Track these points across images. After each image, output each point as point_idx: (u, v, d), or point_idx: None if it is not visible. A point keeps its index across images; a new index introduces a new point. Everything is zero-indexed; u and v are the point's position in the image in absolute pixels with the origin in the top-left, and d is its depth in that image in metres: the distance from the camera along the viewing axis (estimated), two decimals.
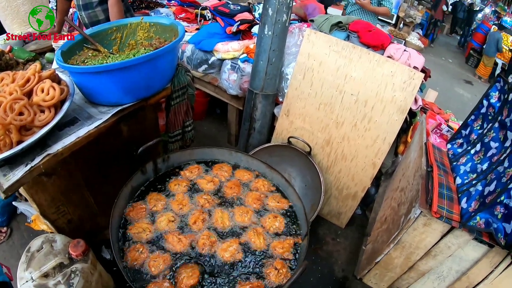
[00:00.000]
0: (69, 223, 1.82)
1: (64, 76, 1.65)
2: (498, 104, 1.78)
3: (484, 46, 10.75)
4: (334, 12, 6.04)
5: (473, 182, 1.60)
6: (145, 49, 1.83)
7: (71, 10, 4.68)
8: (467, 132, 1.98)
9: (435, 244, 1.58)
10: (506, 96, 1.69)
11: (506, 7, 13.70)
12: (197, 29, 3.31)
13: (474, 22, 13.80)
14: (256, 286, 1.25)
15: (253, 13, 3.31)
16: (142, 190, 1.62)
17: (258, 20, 3.15)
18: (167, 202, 1.54)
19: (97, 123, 1.59)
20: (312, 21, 2.78)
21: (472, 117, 1.97)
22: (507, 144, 1.53)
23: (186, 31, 3.32)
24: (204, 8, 3.47)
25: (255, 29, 3.01)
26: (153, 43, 1.95)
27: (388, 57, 2.45)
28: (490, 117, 1.82)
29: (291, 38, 2.69)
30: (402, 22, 9.86)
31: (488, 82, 9.94)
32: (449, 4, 13.68)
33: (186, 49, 3.14)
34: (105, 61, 1.72)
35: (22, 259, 1.53)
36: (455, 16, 14.37)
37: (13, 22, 2.82)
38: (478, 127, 1.90)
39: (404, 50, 2.56)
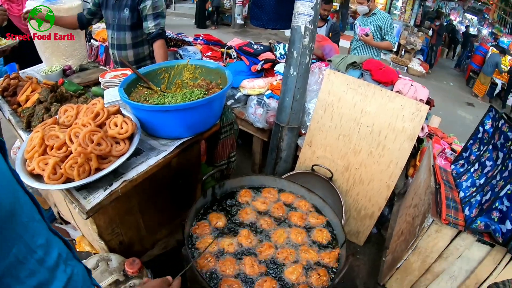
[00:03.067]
0: (120, 244, 2.01)
1: (125, 112, 1.94)
2: (491, 130, 2.21)
3: (482, 67, 11.38)
4: (345, 44, 6.59)
5: (473, 194, 2.02)
6: (198, 90, 2.16)
7: (96, 43, 5.19)
8: (467, 154, 2.42)
9: (446, 247, 1.96)
10: (497, 123, 2.13)
11: (502, 28, 14.47)
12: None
13: (469, 45, 14.54)
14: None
15: (275, 52, 3.80)
16: (202, 212, 1.96)
17: (279, 59, 3.64)
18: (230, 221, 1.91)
19: (163, 154, 1.89)
20: (329, 61, 3.26)
21: (471, 141, 2.41)
22: (499, 162, 1.96)
23: None
24: (230, 48, 3.95)
25: (277, 67, 3.49)
26: (200, 84, 2.30)
27: (397, 91, 2.91)
28: (485, 141, 2.25)
29: (312, 77, 3.15)
30: (404, 49, 10.47)
31: (487, 102, 10.52)
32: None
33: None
34: (164, 100, 2.06)
35: None
36: (453, 39, 15.12)
37: (52, 55, 3.09)
38: (476, 150, 2.34)
39: (411, 85, 3.03)
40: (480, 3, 15.41)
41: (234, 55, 3.88)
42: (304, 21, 2.62)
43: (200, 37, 4.26)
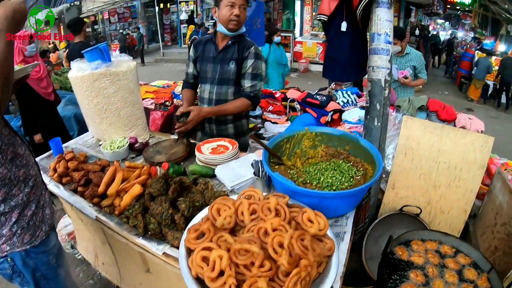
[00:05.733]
0: None
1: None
2: None
3: (473, 72, 12.25)
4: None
5: None
6: (343, 162, 2.26)
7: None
8: None
9: None
10: None
11: (484, 32, 15.52)
12: (287, 120, 4.05)
13: (455, 51, 15.53)
14: None
15: (337, 101, 4.07)
16: None
17: (343, 108, 3.97)
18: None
19: (348, 237, 1.88)
20: (398, 106, 3.66)
21: None
22: None
23: (276, 122, 4.09)
24: (292, 100, 4.17)
25: (344, 116, 3.77)
26: (326, 151, 2.36)
27: (462, 127, 3.33)
28: None
29: None
30: None
31: (483, 103, 11.28)
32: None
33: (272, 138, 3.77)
34: (315, 178, 2.08)
35: None
36: (436, 49, 16.06)
37: (111, 126, 2.82)
38: None
39: (469, 118, 3.46)
40: (459, 11, 16.46)
41: (298, 108, 4.13)
42: (384, 74, 2.90)
43: None
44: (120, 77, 2.69)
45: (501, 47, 15.48)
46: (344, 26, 2.93)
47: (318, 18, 3.06)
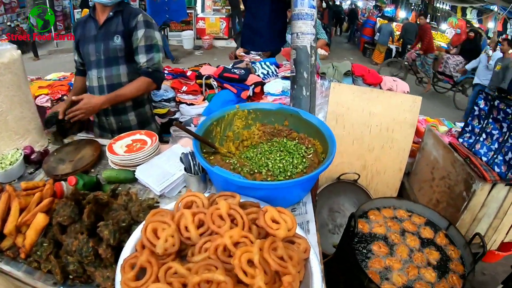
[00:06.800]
0: None
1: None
2: (486, 108, 2.70)
3: (376, 38, 12.88)
4: None
5: (494, 156, 2.56)
6: (288, 140, 1.93)
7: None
8: (470, 128, 2.87)
9: (486, 198, 2.53)
10: (492, 102, 2.64)
11: (384, 0, 16.34)
12: (204, 99, 3.70)
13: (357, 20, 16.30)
14: None
15: (256, 73, 3.79)
16: None
17: (264, 80, 3.73)
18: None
19: (313, 226, 1.63)
20: (323, 73, 3.50)
21: (469, 119, 2.87)
22: (504, 130, 2.53)
23: (193, 104, 3.76)
24: (208, 77, 3.75)
25: (267, 88, 3.49)
26: (262, 130, 2.02)
27: (389, 89, 3.27)
28: (483, 116, 2.73)
29: None
30: None
31: (387, 66, 11.89)
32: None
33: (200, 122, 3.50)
34: (263, 165, 1.72)
35: None
36: (339, 18, 16.71)
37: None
38: (477, 124, 2.79)
39: (394, 80, 3.42)
40: None
41: (215, 85, 3.73)
42: (309, 40, 2.66)
43: (166, 71, 3.94)
44: (1, 71, 2.02)
45: (402, 14, 16.81)
46: None
47: None
